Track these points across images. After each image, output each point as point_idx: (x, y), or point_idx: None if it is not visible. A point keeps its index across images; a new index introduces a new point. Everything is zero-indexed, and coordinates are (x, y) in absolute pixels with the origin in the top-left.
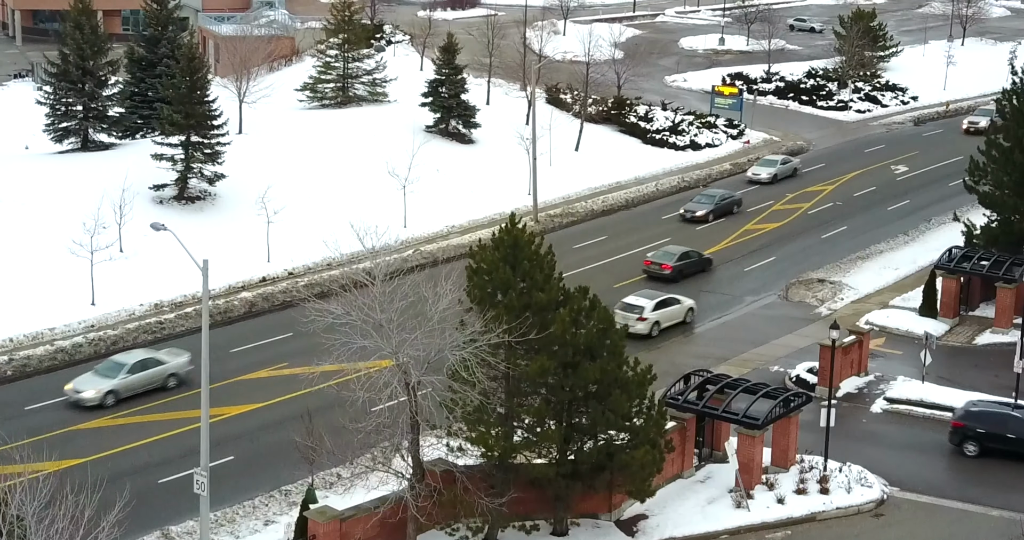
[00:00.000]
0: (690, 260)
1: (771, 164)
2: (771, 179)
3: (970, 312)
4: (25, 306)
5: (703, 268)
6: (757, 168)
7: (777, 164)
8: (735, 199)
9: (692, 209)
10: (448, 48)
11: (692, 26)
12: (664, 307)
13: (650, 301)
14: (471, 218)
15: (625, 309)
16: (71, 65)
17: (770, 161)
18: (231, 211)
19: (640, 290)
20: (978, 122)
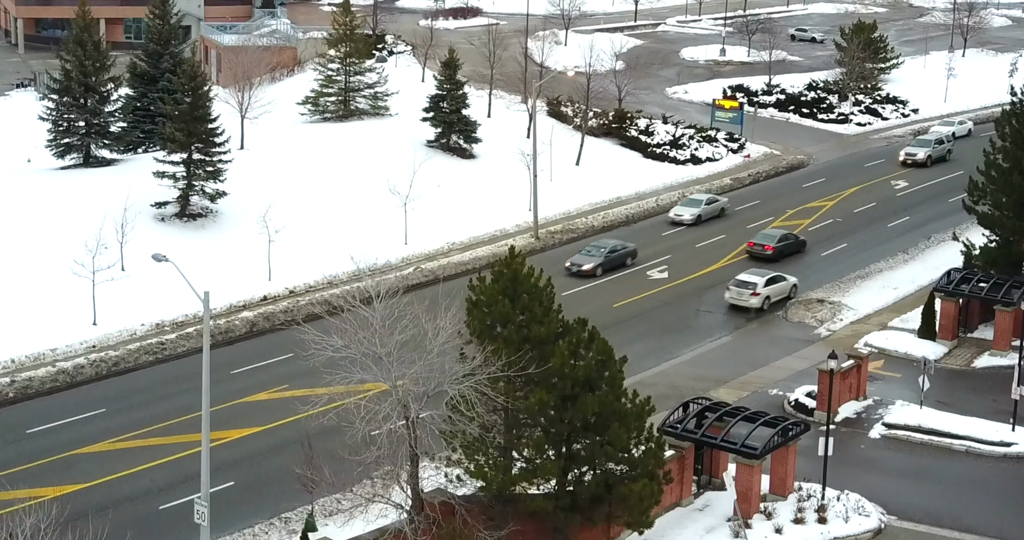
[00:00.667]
0: (788, 242)
1: (695, 204)
2: (694, 220)
3: (969, 334)
4: (27, 326)
5: (799, 249)
6: (680, 208)
7: (702, 204)
8: (628, 251)
9: (578, 262)
10: (449, 63)
11: (694, 36)
12: (773, 283)
13: (761, 278)
14: (472, 235)
15: (739, 285)
16: (73, 81)
17: (694, 201)
18: (233, 228)
19: (749, 269)
20: (916, 153)
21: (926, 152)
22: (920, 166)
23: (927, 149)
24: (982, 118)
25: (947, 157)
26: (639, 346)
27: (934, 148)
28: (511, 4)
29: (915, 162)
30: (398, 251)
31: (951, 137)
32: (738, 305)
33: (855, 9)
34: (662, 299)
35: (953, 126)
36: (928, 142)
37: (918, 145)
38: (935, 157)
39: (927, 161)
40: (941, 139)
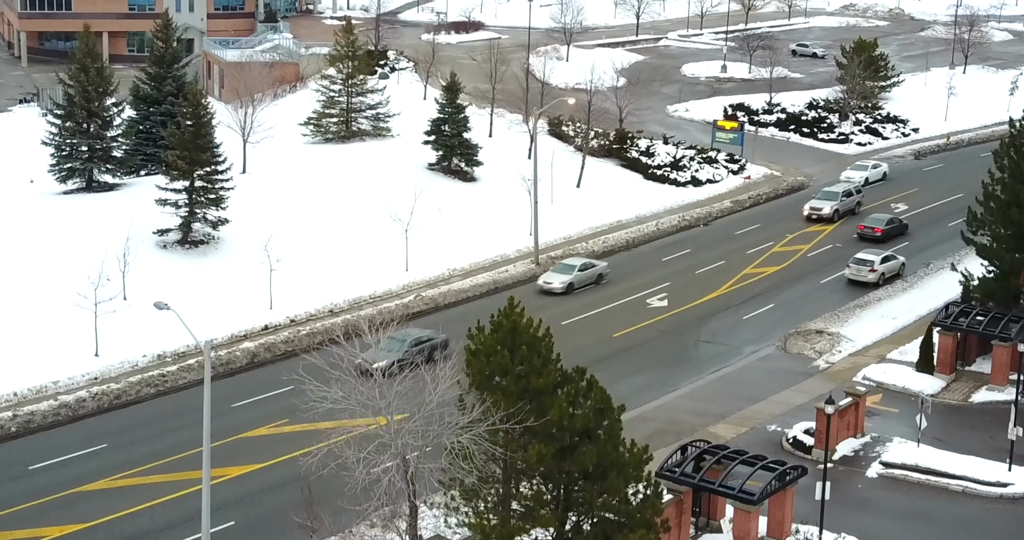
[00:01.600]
0: (895, 225)
1: (567, 270)
2: (565, 289)
3: (967, 367)
4: (29, 357)
5: (903, 232)
6: (550, 275)
7: (574, 270)
8: (435, 342)
9: (371, 359)
10: (451, 87)
11: (695, 51)
12: (887, 262)
13: (877, 256)
14: (473, 260)
15: (857, 263)
16: (76, 106)
17: (567, 266)
18: (235, 255)
19: (864, 249)
20: (821, 208)
21: (832, 206)
22: (827, 222)
23: (833, 202)
24: (982, 137)
25: (856, 210)
26: (638, 378)
27: (841, 201)
28: (513, 17)
29: (820, 218)
30: (399, 278)
31: (860, 188)
32: (857, 280)
33: (856, 22)
34: (662, 328)
35: (866, 170)
36: (835, 195)
37: (824, 198)
38: (843, 211)
39: (833, 216)
40: (849, 191)
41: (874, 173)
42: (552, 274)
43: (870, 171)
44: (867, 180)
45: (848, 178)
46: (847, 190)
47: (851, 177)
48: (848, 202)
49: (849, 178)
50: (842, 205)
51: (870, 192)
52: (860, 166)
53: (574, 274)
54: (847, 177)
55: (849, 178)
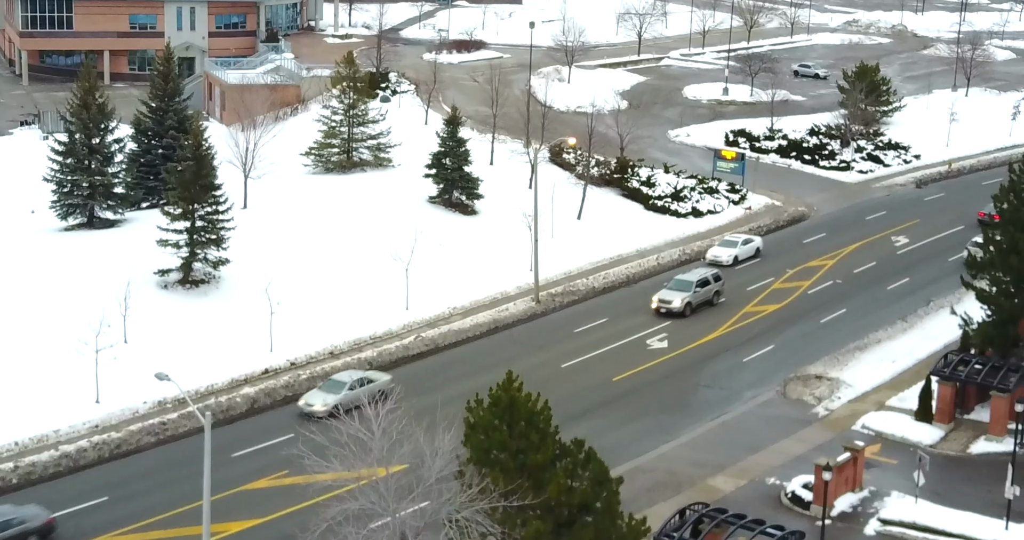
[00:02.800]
0: None
1: (335, 388)
2: (327, 412)
3: (965, 415)
4: (30, 404)
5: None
6: (312, 395)
7: (343, 389)
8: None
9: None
10: (452, 120)
11: (696, 71)
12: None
13: None
14: (473, 298)
15: None
16: (77, 143)
17: (335, 384)
18: (235, 294)
19: None
20: (671, 301)
21: (684, 299)
22: (678, 316)
23: (685, 294)
24: (984, 164)
25: (715, 301)
26: (638, 425)
27: (695, 292)
28: (514, 35)
29: (670, 311)
30: (399, 317)
31: (719, 274)
32: None
33: (859, 40)
34: (661, 372)
35: (735, 247)
36: (688, 285)
37: (676, 288)
38: (696, 303)
39: (685, 310)
40: (706, 279)
41: (744, 250)
42: (315, 394)
43: (740, 248)
44: (736, 258)
45: (715, 257)
46: (703, 278)
47: (718, 256)
48: (703, 293)
49: (716, 257)
50: (695, 297)
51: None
52: (729, 242)
53: (342, 393)
54: (714, 256)
55: (716, 257)
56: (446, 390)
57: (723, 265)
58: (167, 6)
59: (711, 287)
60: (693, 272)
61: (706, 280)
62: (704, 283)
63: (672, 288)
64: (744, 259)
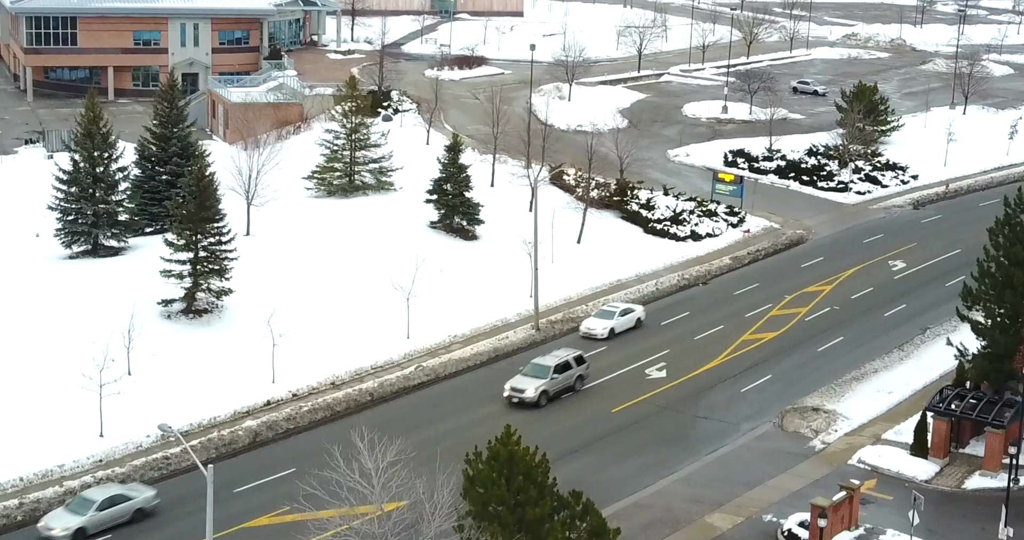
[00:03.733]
0: None
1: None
2: None
3: (961, 449)
4: (34, 438)
5: None
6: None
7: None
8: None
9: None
10: (453, 147)
11: (696, 87)
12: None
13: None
14: (473, 326)
15: None
16: (81, 172)
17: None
18: (238, 323)
19: None
20: (524, 390)
21: (538, 387)
22: (532, 406)
23: (541, 382)
24: (981, 184)
25: (577, 387)
26: (636, 460)
27: (552, 380)
28: (515, 51)
29: (523, 401)
30: (400, 346)
31: (583, 356)
32: None
33: (858, 54)
34: (660, 403)
35: (612, 318)
36: (544, 370)
37: (532, 374)
38: (553, 392)
39: (539, 399)
40: (566, 363)
41: (622, 322)
42: None
43: (616, 319)
44: (612, 331)
45: (588, 330)
46: (563, 362)
47: (592, 329)
48: (563, 379)
49: (590, 330)
50: (553, 384)
51: (869, 246)
52: (606, 313)
53: None
54: (587, 329)
55: (590, 330)
56: (446, 423)
57: (597, 338)
58: (171, 22)
59: (572, 372)
60: (552, 355)
61: (566, 364)
62: (564, 367)
63: (527, 374)
64: (622, 332)
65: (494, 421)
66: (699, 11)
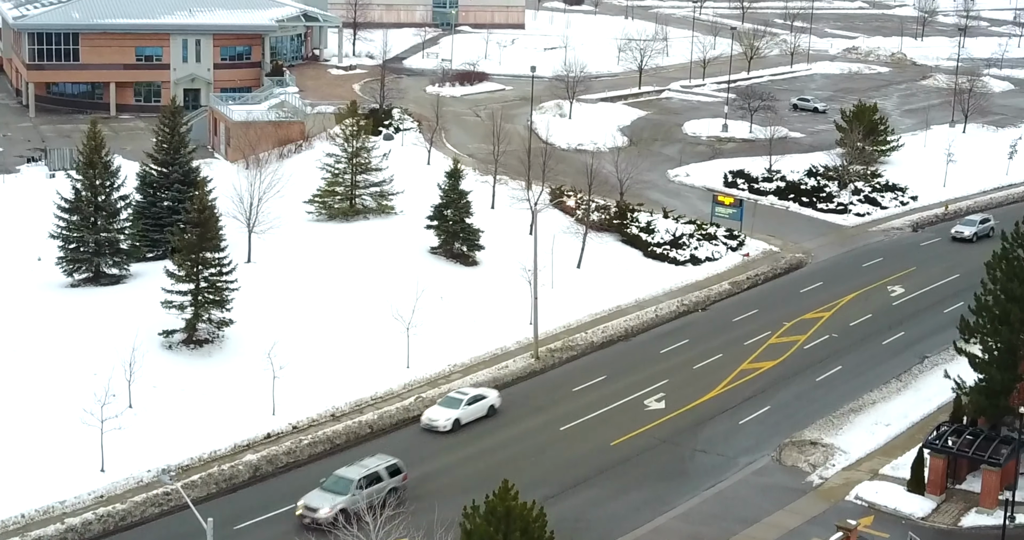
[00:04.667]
0: None
1: None
2: None
3: (957, 485)
4: (35, 474)
5: None
6: None
7: None
8: None
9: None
10: (453, 173)
11: (696, 104)
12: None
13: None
14: (473, 354)
15: None
16: (83, 201)
17: None
18: (238, 353)
19: None
20: (317, 509)
21: (335, 506)
22: None
23: (340, 499)
24: (980, 205)
25: (388, 501)
26: (635, 495)
27: (353, 496)
28: (517, 65)
29: (316, 522)
30: (400, 376)
31: (395, 469)
32: None
33: (858, 69)
34: (659, 435)
35: (459, 408)
36: (346, 484)
37: (331, 490)
38: (352, 510)
39: (336, 518)
40: (376, 475)
41: (470, 412)
42: None
43: (463, 409)
44: (458, 422)
45: (430, 421)
46: (372, 474)
47: (434, 420)
48: (367, 494)
49: (431, 421)
50: (352, 502)
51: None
52: (452, 400)
53: None
54: (429, 420)
55: (431, 421)
56: (445, 457)
57: (440, 431)
58: (173, 38)
59: (382, 485)
60: (360, 464)
61: (375, 476)
62: (372, 480)
63: (326, 488)
64: (469, 422)
65: (493, 454)
66: (700, 23)
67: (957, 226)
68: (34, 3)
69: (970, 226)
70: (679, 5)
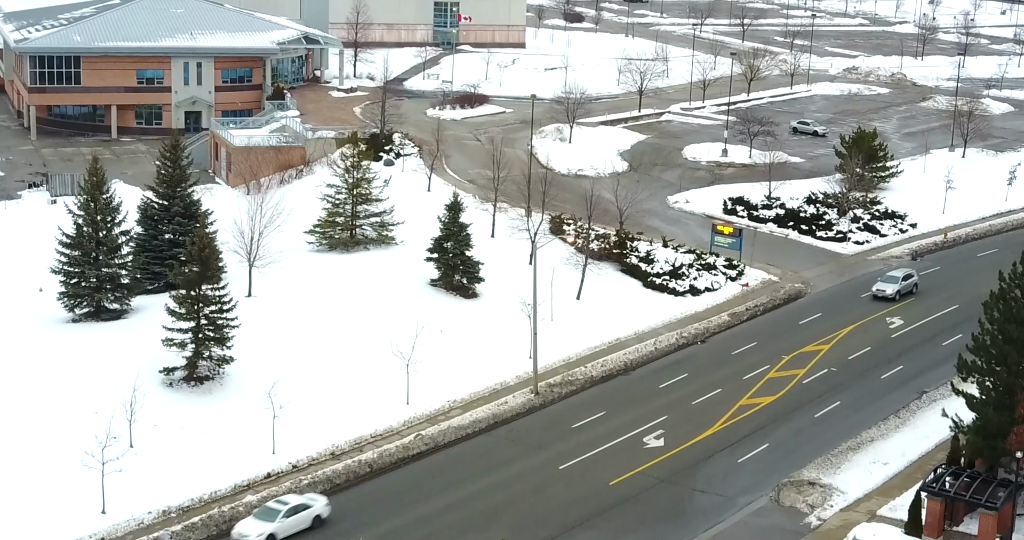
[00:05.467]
0: None
1: None
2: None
3: (955, 528)
4: (37, 515)
5: None
6: None
7: None
8: None
9: None
10: (453, 206)
11: (696, 127)
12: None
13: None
14: (472, 389)
15: None
16: (84, 237)
17: None
18: (239, 391)
19: None
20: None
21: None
22: None
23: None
24: (979, 232)
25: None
26: (632, 538)
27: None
28: (517, 86)
29: None
30: (400, 413)
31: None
32: None
33: (858, 90)
34: (658, 474)
35: (273, 521)
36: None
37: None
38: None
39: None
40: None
41: (287, 525)
42: None
43: (280, 522)
44: (272, 537)
45: (240, 537)
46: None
47: (244, 536)
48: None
49: (241, 537)
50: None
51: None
52: (269, 512)
53: None
54: (239, 535)
55: (241, 537)
56: (445, 497)
57: None
58: (174, 61)
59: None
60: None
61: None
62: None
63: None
64: (287, 537)
65: (492, 495)
66: (701, 41)
67: (879, 284)
68: (36, 26)
69: (892, 284)
70: (680, 22)
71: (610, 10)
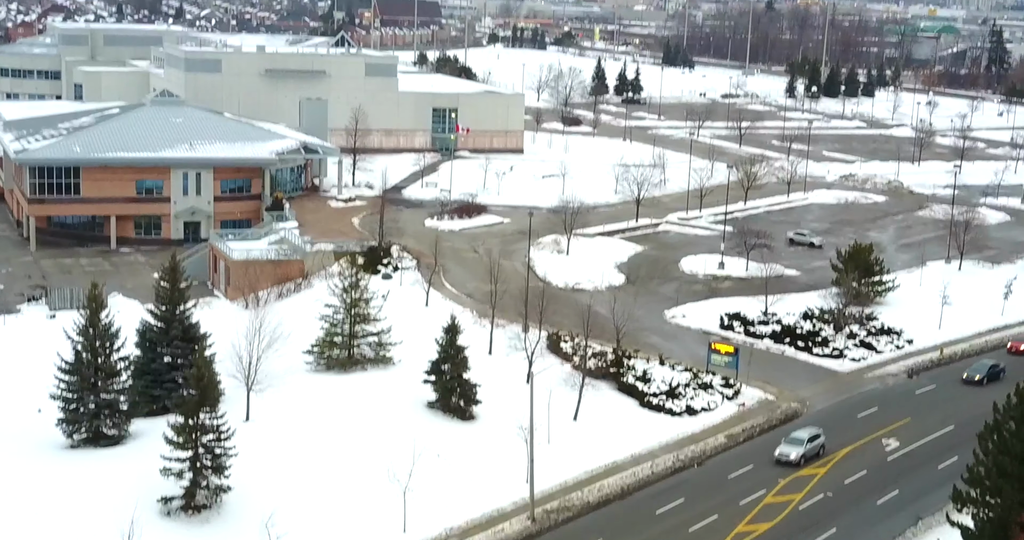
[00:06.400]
0: None
1: None
2: None
3: None
4: None
5: None
6: None
7: None
8: None
9: None
10: (451, 329)
11: (693, 237)
12: None
13: None
14: (469, 517)
15: None
16: (83, 363)
17: None
18: (236, 520)
19: None
20: None
21: None
22: None
23: None
24: (976, 348)
25: None
26: None
27: None
28: (516, 194)
29: None
30: None
31: None
32: None
33: (855, 199)
34: None
35: None
36: None
37: None
38: None
39: None
40: None
41: None
42: None
43: None
44: None
45: None
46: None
47: None
48: None
49: None
50: None
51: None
52: None
53: None
54: None
55: None
56: None
57: None
58: (173, 172)
59: None
60: None
61: None
62: None
63: None
64: None
65: None
66: (698, 145)
67: (782, 447)
68: (35, 135)
69: (796, 446)
70: (677, 125)
71: (608, 112)
